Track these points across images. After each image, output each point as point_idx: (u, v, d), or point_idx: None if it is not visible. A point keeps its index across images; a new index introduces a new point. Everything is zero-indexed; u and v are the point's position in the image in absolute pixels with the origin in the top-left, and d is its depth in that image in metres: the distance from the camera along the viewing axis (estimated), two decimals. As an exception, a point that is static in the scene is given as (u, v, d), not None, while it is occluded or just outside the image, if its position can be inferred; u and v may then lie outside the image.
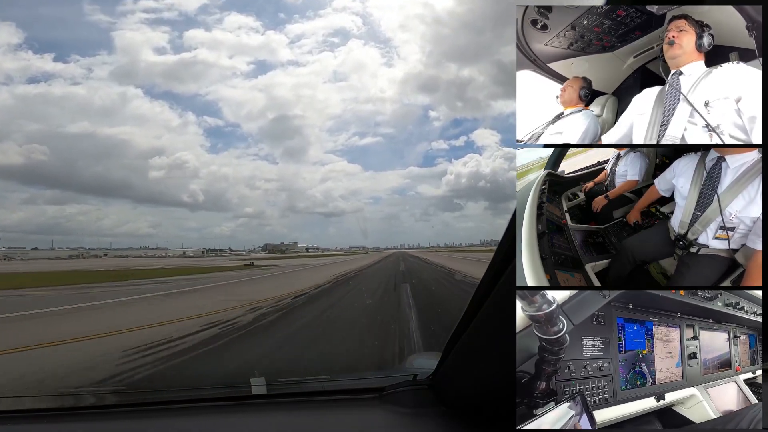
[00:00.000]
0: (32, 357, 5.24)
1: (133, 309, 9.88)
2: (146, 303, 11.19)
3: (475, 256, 42.67)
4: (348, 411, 1.21)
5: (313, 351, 5.39)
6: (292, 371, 4.46)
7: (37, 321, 8.16)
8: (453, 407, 1.10)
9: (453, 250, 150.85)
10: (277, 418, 1.22)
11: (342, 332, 6.60)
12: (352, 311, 8.83)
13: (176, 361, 4.91)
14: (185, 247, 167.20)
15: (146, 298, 12.09)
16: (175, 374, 4.39)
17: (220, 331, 6.64)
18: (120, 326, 7.15)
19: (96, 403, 1.38)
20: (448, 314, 7.68)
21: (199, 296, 12.75)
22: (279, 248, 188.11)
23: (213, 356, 5.12)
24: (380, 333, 6.32)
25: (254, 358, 5.08)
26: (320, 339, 6.14)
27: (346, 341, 5.87)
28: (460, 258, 40.49)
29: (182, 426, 1.20)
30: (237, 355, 5.19)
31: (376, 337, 5.98)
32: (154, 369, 4.55)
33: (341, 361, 4.83)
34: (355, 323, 7.32)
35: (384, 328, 6.72)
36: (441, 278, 17.11)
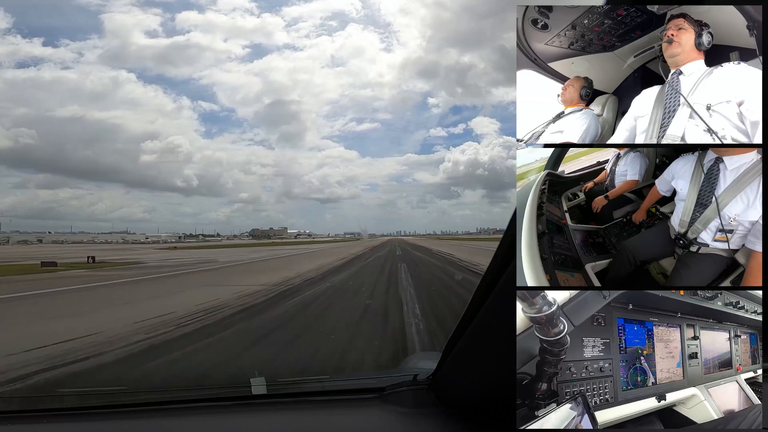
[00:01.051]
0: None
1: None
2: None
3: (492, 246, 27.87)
4: (348, 411, 1.21)
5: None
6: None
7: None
8: (453, 408, 1.10)
9: (453, 238, 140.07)
10: (277, 418, 1.21)
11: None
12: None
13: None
14: (167, 233, 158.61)
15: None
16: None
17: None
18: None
19: (96, 403, 1.37)
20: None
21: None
22: (267, 234, 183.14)
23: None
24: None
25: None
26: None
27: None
28: (482, 248, 29.15)
29: (182, 426, 1.19)
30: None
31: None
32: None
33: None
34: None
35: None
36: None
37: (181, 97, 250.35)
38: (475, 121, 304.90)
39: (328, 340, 5.33)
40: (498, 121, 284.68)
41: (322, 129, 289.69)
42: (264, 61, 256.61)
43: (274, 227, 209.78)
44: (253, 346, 5.11)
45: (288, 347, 5.07)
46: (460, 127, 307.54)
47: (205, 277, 14.33)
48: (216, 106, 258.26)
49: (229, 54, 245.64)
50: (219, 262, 21.32)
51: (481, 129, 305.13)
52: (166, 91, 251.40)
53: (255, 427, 1.18)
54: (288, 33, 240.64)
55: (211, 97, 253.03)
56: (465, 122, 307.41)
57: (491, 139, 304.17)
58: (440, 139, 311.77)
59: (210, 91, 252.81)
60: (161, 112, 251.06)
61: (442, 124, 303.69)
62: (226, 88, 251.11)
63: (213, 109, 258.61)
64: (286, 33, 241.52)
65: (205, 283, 12.61)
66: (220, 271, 17.08)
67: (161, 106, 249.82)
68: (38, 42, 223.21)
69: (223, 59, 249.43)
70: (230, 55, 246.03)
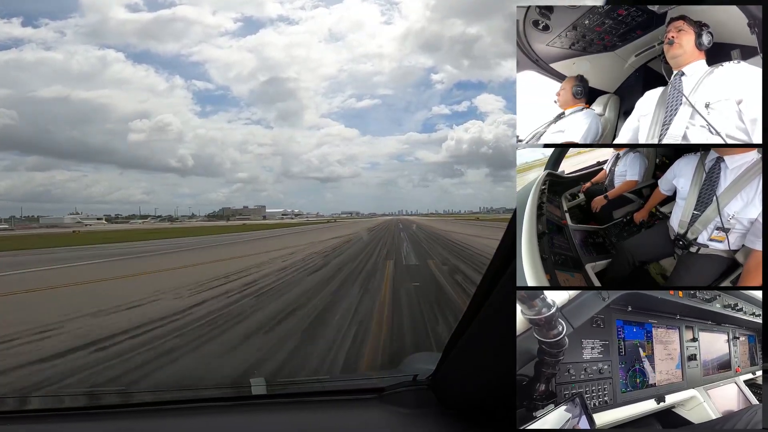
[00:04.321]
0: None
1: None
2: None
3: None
4: (348, 411, 1.21)
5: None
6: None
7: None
8: (453, 408, 1.11)
9: (458, 216, 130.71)
10: (277, 418, 1.22)
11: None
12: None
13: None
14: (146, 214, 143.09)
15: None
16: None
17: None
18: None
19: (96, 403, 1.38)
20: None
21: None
22: (240, 214, 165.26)
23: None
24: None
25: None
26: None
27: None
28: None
29: (182, 426, 1.20)
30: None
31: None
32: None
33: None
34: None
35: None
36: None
37: (174, 76, 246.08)
38: (479, 99, 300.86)
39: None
40: (504, 99, 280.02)
41: (320, 106, 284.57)
42: (257, 37, 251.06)
43: (248, 205, 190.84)
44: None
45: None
46: (464, 105, 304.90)
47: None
48: (211, 85, 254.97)
49: (219, 28, 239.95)
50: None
51: (486, 107, 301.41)
52: (158, 70, 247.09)
53: (255, 427, 1.18)
54: (282, 4, 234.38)
55: (203, 75, 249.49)
56: (469, 99, 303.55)
57: (496, 117, 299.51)
58: (443, 117, 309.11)
59: (202, 68, 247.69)
60: (153, 91, 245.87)
61: (446, 102, 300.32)
62: (219, 65, 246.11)
63: (208, 88, 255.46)
64: (280, 4, 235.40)
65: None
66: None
67: (153, 86, 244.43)
68: (17, 22, 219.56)
69: (213, 34, 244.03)
70: (220, 29, 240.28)
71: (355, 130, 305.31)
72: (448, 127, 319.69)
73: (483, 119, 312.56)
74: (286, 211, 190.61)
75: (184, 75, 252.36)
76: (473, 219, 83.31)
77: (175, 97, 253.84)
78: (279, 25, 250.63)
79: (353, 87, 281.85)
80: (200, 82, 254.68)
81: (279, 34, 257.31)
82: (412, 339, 4.65)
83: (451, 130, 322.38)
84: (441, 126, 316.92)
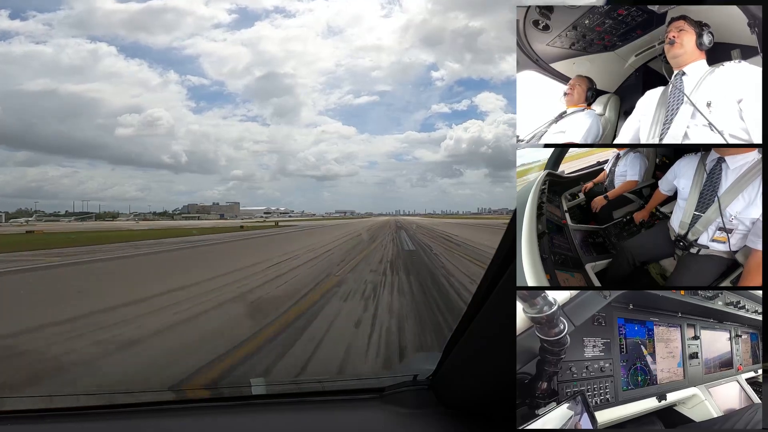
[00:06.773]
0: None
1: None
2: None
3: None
4: (348, 411, 1.21)
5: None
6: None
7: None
8: (453, 408, 1.10)
9: (458, 216, 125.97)
10: (277, 418, 1.21)
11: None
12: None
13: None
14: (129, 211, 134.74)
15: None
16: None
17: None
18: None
19: (96, 403, 1.37)
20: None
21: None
22: (205, 211, 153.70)
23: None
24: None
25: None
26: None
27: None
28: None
29: (182, 426, 1.19)
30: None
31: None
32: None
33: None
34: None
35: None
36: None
37: (168, 71, 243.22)
38: (480, 97, 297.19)
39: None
40: (504, 98, 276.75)
41: (318, 103, 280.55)
42: (253, 30, 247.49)
43: (218, 202, 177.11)
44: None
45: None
46: (464, 103, 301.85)
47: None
48: (206, 80, 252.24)
49: (213, 20, 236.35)
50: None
51: (487, 105, 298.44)
52: (152, 65, 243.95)
53: (255, 427, 1.18)
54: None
55: (197, 70, 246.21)
56: (469, 98, 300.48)
57: (496, 116, 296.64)
58: (442, 115, 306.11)
59: (195, 62, 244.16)
60: (146, 86, 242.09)
61: (445, 100, 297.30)
62: (213, 59, 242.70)
63: (203, 83, 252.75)
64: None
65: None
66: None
67: (146, 81, 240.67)
68: (4, 14, 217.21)
69: (206, 26, 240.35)
70: (214, 21, 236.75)
71: (353, 128, 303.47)
72: (448, 126, 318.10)
73: (483, 118, 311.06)
74: (269, 209, 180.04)
75: (179, 70, 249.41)
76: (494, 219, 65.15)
77: (169, 92, 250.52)
78: (275, 18, 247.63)
79: (351, 83, 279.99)
80: (195, 77, 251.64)
81: (275, 27, 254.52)
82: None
83: (451, 129, 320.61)
84: (440, 125, 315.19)
